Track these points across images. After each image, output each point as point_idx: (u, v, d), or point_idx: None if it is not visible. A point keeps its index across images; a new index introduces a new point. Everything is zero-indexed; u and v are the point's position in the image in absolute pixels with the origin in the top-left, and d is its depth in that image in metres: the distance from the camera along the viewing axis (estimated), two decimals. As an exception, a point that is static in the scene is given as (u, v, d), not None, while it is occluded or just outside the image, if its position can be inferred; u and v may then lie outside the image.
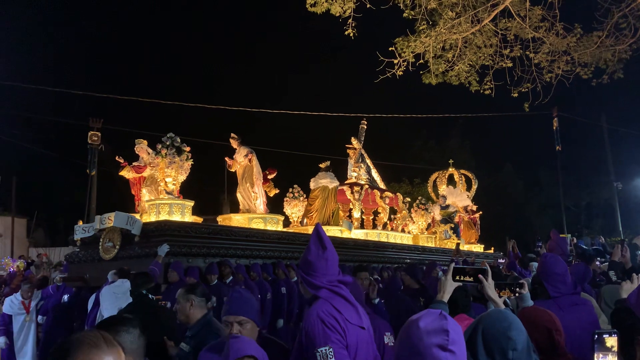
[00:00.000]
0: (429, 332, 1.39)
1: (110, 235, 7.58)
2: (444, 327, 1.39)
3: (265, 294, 7.19)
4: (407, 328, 1.47)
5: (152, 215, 7.77)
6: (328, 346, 2.06)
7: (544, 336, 2.25)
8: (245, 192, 9.45)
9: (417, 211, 14.71)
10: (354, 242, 10.91)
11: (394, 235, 13.33)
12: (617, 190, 23.62)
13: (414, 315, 1.48)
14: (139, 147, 8.83)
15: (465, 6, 7.87)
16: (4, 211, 22.93)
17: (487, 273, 2.31)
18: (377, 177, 14.77)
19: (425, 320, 1.43)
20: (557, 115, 21.58)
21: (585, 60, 8.24)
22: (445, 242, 15.42)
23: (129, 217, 7.49)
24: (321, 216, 10.94)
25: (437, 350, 1.37)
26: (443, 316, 1.43)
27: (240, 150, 9.49)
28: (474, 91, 8.68)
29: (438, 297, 2.23)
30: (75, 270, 8.13)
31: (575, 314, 2.99)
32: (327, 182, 11.13)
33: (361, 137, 14.11)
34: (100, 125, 18.39)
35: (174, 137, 8.03)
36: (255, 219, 9.19)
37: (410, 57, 8.08)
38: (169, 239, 7.08)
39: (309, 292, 2.29)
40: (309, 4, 7.60)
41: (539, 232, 29.12)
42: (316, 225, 2.42)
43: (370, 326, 2.30)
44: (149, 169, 8.64)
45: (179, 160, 7.98)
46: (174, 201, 7.83)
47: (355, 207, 12.91)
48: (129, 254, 7.26)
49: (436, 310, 1.47)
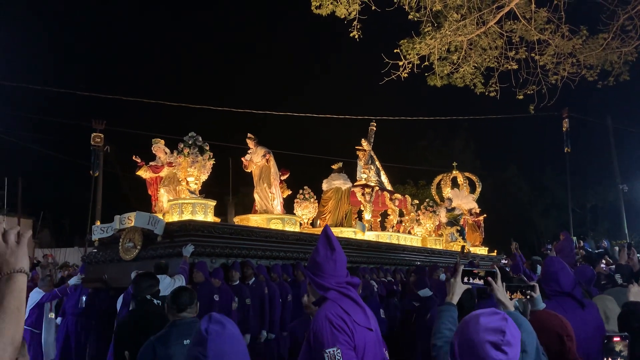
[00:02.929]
0: (487, 329, 1.45)
1: (131, 235, 7.46)
2: (502, 328, 1.45)
3: (286, 296, 7.17)
4: (468, 320, 1.54)
5: (175, 215, 7.67)
6: (336, 347, 2.08)
7: (554, 341, 2.25)
8: (262, 193, 9.41)
9: (424, 213, 14.69)
10: (368, 244, 10.87)
11: (404, 238, 13.33)
12: (623, 192, 23.48)
13: (479, 310, 1.55)
14: (156, 147, 8.78)
15: (470, 8, 7.88)
16: (10, 212, 23.06)
17: (497, 275, 2.31)
18: (385, 179, 14.76)
19: (486, 317, 1.49)
20: (567, 117, 21.30)
21: (591, 63, 8.22)
22: (451, 245, 15.40)
23: (150, 216, 7.37)
24: (334, 217, 10.94)
25: (489, 347, 1.43)
26: (505, 319, 1.48)
27: (258, 151, 9.44)
28: (479, 93, 8.68)
29: (447, 299, 2.23)
30: (93, 271, 8.02)
31: (579, 318, 2.98)
32: (341, 183, 11.12)
33: (371, 139, 14.08)
34: (104, 126, 18.42)
35: (195, 137, 7.97)
36: (274, 219, 9.15)
37: (416, 59, 8.09)
38: (193, 239, 6.99)
39: (317, 293, 2.30)
40: (314, 6, 7.63)
41: (543, 234, 29.07)
42: (324, 227, 2.42)
43: (377, 328, 2.31)
44: (167, 168, 8.59)
45: (201, 160, 7.92)
46: (197, 201, 7.74)
47: (367, 209, 12.90)
48: (151, 255, 7.14)
49: (501, 312, 1.53)
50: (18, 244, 1.41)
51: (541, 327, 2.04)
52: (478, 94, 8.69)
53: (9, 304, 1.32)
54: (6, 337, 1.29)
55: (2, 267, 1.37)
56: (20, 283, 1.37)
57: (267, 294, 6.92)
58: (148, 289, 3.96)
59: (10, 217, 22.30)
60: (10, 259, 1.38)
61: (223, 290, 6.43)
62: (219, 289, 6.40)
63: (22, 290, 1.37)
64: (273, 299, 6.95)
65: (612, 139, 23.78)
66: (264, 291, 6.90)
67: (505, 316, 1.49)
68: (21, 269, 1.38)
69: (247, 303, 6.63)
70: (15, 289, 1.35)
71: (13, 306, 1.33)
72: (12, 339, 1.30)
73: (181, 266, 6.31)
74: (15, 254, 1.39)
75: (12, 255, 1.39)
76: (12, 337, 1.30)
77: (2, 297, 1.33)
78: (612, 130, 23.72)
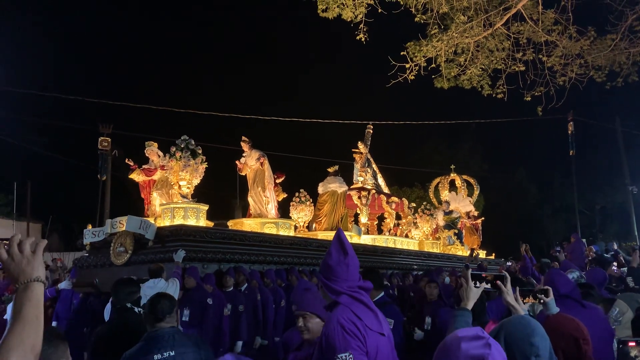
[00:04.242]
0: (467, 356, 1.36)
1: (123, 239, 7.39)
2: (484, 357, 1.35)
3: (279, 301, 7.10)
4: (449, 344, 1.44)
5: (167, 219, 7.63)
6: (348, 352, 2.07)
7: (570, 345, 2.23)
8: (256, 197, 9.36)
9: (422, 216, 14.54)
10: (364, 248, 10.80)
11: (400, 241, 13.18)
12: (632, 194, 23.27)
13: (461, 330, 1.46)
14: (149, 150, 8.70)
15: (477, 10, 7.86)
16: (20, 216, 23.25)
17: (506, 279, 2.30)
18: (382, 182, 14.62)
19: (467, 343, 1.39)
20: (572, 119, 21.23)
21: (599, 64, 8.17)
22: (449, 248, 15.26)
23: (142, 221, 7.34)
24: (330, 221, 10.80)
25: None
26: (488, 345, 1.38)
27: (252, 154, 9.39)
28: (486, 95, 8.64)
29: (463, 305, 2.22)
30: (84, 275, 7.92)
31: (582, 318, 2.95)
32: (336, 186, 11.01)
33: (367, 142, 13.95)
34: (110, 130, 18.51)
35: (188, 140, 7.91)
36: (268, 223, 9.08)
37: (422, 62, 8.07)
38: (184, 244, 6.92)
39: (330, 297, 2.30)
40: (320, 10, 7.64)
41: (552, 237, 28.86)
42: (337, 230, 2.42)
43: (390, 333, 2.30)
44: (160, 171, 8.50)
45: (193, 164, 7.85)
46: (189, 205, 7.70)
47: (363, 213, 12.77)
48: (142, 259, 7.06)
49: (484, 336, 1.43)
50: (34, 254, 1.43)
51: (557, 331, 2.01)
52: (485, 96, 8.66)
53: (28, 313, 1.34)
54: (27, 345, 1.30)
55: (19, 277, 1.39)
56: (38, 292, 1.39)
57: (260, 300, 6.81)
58: (128, 297, 3.64)
59: (19, 221, 22.50)
60: (26, 268, 1.40)
61: (216, 296, 6.32)
62: (211, 294, 6.29)
63: (40, 299, 1.39)
64: (266, 305, 6.85)
65: (620, 140, 23.61)
66: (256, 297, 6.81)
67: (488, 342, 1.40)
68: (38, 277, 1.41)
69: (240, 310, 6.52)
70: (33, 298, 1.37)
71: (32, 315, 1.35)
72: (32, 347, 1.31)
73: (175, 270, 6.21)
74: (32, 263, 1.41)
75: (28, 265, 1.41)
76: (32, 345, 1.32)
77: (21, 306, 1.35)
78: (620, 132, 23.55)
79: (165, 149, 8.30)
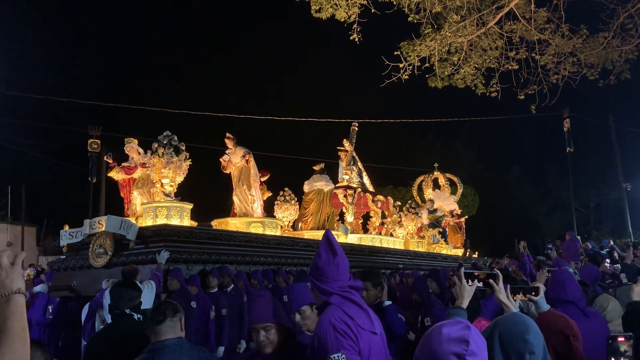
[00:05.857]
0: (450, 339, 1.41)
1: (102, 240, 7.01)
2: (465, 338, 1.40)
3: None
4: (431, 332, 1.49)
5: (149, 219, 7.26)
6: (341, 352, 2.07)
7: (560, 342, 2.23)
8: (242, 195, 9.06)
9: (407, 215, 14.45)
10: (351, 247, 10.58)
11: (386, 240, 13.08)
12: (626, 191, 23.43)
13: (440, 322, 1.51)
14: (129, 147, 8.35)
15: (470, 9, 7.89)
16: (14, 220, 23.13)
17: (498, 277, 2.32)
18: (367, 181, 14.43)
19: (449, 327, 1.45)
20: (568, 117, 21.27)
21: (592, 61, 8.22)
22: (433, 247, 15.20)
23: (122, 221, 7.00)
24: (316, 220, 10.60)
25: (453, 358, 1.38)
26: (467, 327, 1.44)
27: (237, 151, 9.10)
28: (480, 94, 8.67)
29: (457, 303, 2.23)
30: (61, 278, 7.54)
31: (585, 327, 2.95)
32: (322, 184, 10.79)
33: (352, 140, 13.73)
34: (100, 132, 18.36)
35: (171, 136, 7.57)
36: (254, 223, 8.80)
37: (416, 61, 8.10)
38: (168, 244, 6.61)
39: (320, 298, 2.30)
40: (314, 10, 7.64)
41: (547, 234, 28.98)
42: (326, 231, 2.42)
43: (382, 331, 2.31)
44: (141, 169, 8.17)
45: (176, 160, 7.51)
46: (173, 204, 7.37)
47: (349, 211, 12.63)
48: (123, 261, 6.68)
49: (463, 321, 1.49)
50: (12, 265, 1.41)
51: (547, 328, 2.02)
52: (479, 95, 8.69)
53: (14, 326, 1.33)
54: (17, 358, 1.29)
55: None
56: (20, 304, 1.37)
57: (247, 302, 6.56)
58: (129, 302, 3.38)
59: (14, 225, 22.38)
60: (5, 281, 1.38)
61: (201, 298, 6.08)
62: (196, 297, 6.05)
63: (23, 312, 1.37)
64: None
65: (614, 137, 23.75)
66: (242, 299, 6.59)
67: (468, 325, 1.45)
68: (19, 289, 1.39)
69: (223, 314, 6.28)
70: (16, 311, 1.35)
71: (18, 327, 1.33)
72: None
73: (154, 272, 5.95)
74: (11, 275, 1.39)
75: (7, 277, 1.39)
76: (21, 358, 1.31)
77: (5, 320, 1.33)
78: (614, 129, 23.69)
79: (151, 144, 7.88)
